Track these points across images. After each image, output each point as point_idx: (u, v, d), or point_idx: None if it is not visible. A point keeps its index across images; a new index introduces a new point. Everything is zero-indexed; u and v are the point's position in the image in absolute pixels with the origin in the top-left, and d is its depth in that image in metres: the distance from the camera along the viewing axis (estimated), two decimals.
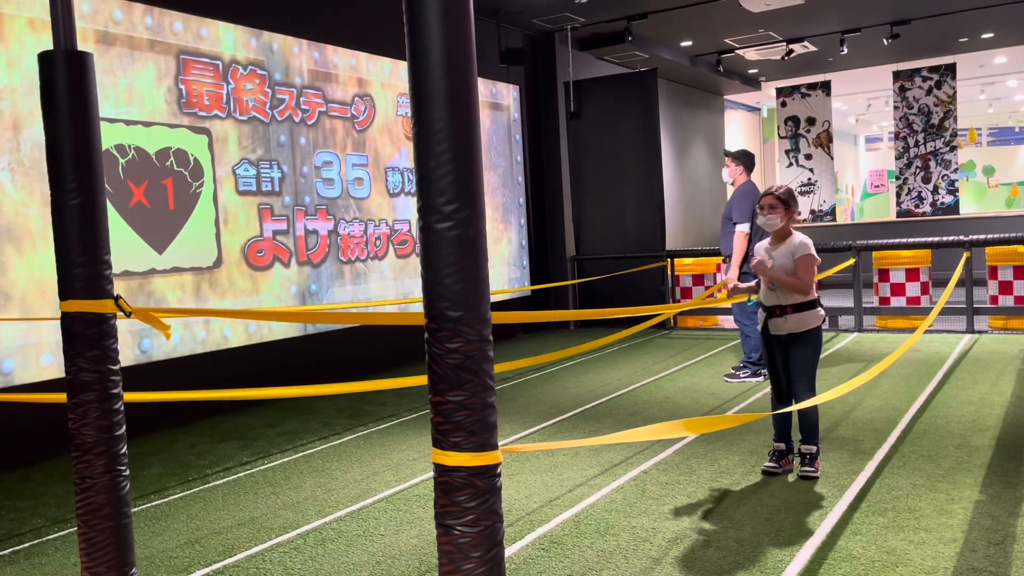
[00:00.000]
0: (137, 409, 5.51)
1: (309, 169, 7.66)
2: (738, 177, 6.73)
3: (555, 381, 7.41)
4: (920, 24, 11.87)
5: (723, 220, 6.78)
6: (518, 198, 10.76)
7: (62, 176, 2.78)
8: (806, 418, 4.33)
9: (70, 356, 2.81)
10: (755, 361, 6.82)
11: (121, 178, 6.12)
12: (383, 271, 8.52)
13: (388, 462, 5.06)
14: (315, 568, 3.51)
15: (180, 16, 6.58)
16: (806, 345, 4.28)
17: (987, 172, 25.08)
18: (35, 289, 5.55)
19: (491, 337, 2.02)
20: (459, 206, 1.94)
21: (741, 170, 6.72)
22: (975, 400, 5.79)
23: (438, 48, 1.91)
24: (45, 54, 2.79)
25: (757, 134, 20.12)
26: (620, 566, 3.35)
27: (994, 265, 9.00)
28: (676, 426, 2.58)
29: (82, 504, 2.84)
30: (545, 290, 11.14)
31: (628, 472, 4.57)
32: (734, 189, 6.79)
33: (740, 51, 13.14)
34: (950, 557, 3.24)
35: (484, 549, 2.01)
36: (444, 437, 1.99)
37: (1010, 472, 4.21)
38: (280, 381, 7.09)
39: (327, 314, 6.79)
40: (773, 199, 4.35)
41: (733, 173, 6.74)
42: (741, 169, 6.72)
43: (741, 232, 6.52)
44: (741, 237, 6.52)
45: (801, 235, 4.39)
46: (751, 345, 6.85)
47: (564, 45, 11.33)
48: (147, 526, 4.14)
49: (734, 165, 6.73)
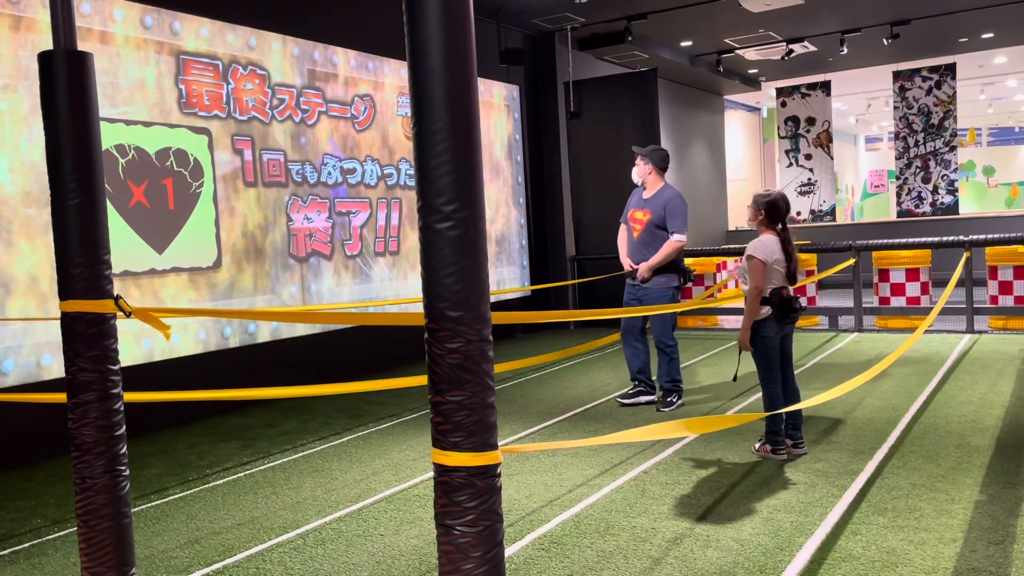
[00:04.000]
0: (137, 409, 5.51)
1: (310, 169, 7.66)
2: (647, 177, 6.11)
3: (555, 381, 7.41)
4: (920, 24, 11.87)
5: (651, 226, 6.02)
6: (518, 198, 10.77)
7: (62, 176, 2.78)
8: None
9: (70, 356, 2.81)
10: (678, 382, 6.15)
11: (121, 178, 6.12)
12: (383, 270, 8.52)
13: (388, 462, 5.06)
14: (315, 568, 3.51)
15: (180, 16, 6.58)
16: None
17: (987, 172, 25.09)
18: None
19: (491, 337, 2.02)
20: (459, 206, 1.94)
21: (652, 169, 6.09)
22: (975, 400, 5.79)
23: (438, 48, 1.91)
24: (45, 54, 2.79)
25: (757, 134, 20.12)
26: (620, 566, 3.35)
27: (994, 265, 9.00)
28: (676, 426, 2.58)
29: (82, 504, 2.84)
30: (545, 290, 11.14)
31: (628, 472, 4.57)
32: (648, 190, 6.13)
33: (740, 51, 13.14)
34: (950, 557, 3.24)
35: (484, 549, 2.01)
36: (444, 437, 1.99)
37: (1010, 472, 4.21)
38: (280, 381, 7.10)
39: (327, 314, 6.80)
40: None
41: (643, 172, 6.12)
42: (652, 168, 6.09)
43: (677, 242, 5.93)
44: (674, 247, 5.93)
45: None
46: (677, 367, 6.14)
47: (564, 45, 11.33)
48: (147, 526, 4.14)
49: (643, 163, 6.12)
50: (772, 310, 4.53)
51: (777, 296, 4.52)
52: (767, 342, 4.58)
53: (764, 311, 4.55)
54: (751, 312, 4.56)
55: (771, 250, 4.55)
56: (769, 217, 4.61)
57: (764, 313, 4.55)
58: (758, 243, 4.58)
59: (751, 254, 4.54)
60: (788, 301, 4.52)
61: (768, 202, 4.61)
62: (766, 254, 4.53)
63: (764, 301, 4.55)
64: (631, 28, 11.00)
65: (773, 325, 4.56)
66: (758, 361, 4.64)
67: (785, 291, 4.56)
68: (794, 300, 4.54)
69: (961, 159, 22.65)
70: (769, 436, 4.65)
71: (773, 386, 4.63)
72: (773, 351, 4.60)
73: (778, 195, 4.63)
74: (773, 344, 4.59)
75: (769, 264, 4.53)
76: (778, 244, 4.58)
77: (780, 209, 4.62)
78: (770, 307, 4.54)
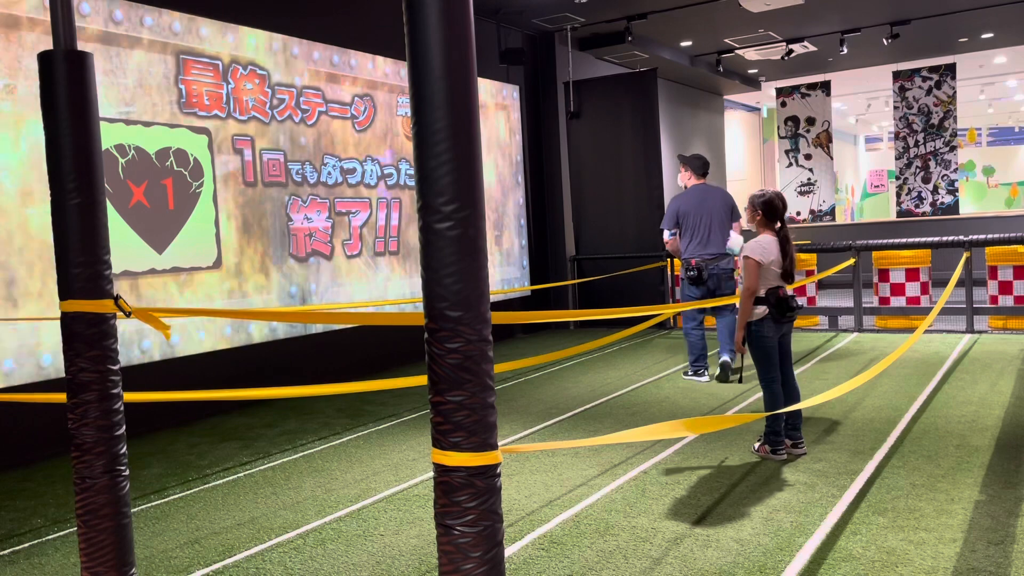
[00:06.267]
0: (137, 409, 5.51)
1: (310, 169, 7.66)
2: (687, 181, 7.14)
3: (555, 381, 7.41)
4: (920, 24, 11.87)
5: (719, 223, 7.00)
6: (518, 198, 10.77)
7: (62, 176, 2.78)
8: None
9: (70, 356, 2.81)
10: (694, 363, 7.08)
11: (121, 178, 6.12)
12: (383, 270, 8.52)
13: (388, 462, 5.06)
14: (315, 568, 3.51)
15: (180, 16, 6.58)
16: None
17: (987, 172, 25.09)
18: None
19: (491, 337, 2.02)
20: (459, 206, 1.94)
21: (690, 175, 7.11)
22: (975, 400, 5.79)
23: (438, 48, 1.91)
24: (45, 54, 2.79)
25: (757, 134, 20.12)
26: (620, 566, 3.35)
27: (994, 265, 9.00)
28: (676, 426, 2.58)
29: (82, 504, 2.84)
30: (545, 290, 11.14)
31: (628, 472, 4.57)
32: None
33: (740, 51, 13.15)
34: (950, 557, 3.24)
35: (484, 549, 2.01)
36: (444, 437, 1.99)
37: (1010, 472, 4.21)
38: (280, 381, 7.10)
39: (327, 314, 6.79)
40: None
41: (683, 178, 7.16)
42: (690, 174, 7.10)
43: (664, 239, 7.06)
44: (666, 243, 7.06)
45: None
46: (691, 347, 7.08)
47: (564, 45, 11.33)
48: (147, 526, 4.14)
49: (683, 170, 7.14)
50: (769, 310, 4.54)
51: (773, 296, 4.53)
52: (766, 342, 4.58)
53: (761, 311, 4.55)
54: (744, 313, 4.57)
55: (768, 251, 4.55)
56: (766, 217, 4.62)
57: (761, 313, 4.55)
58: (755, 243, 4.58)
59: (747, 254, 4.55)
60: (784, 300, 4.52)
61: (764, 202, 4.62)
62: (762, 255, 4.53)
63: (760, 301, 4.55)
64: (631, 28, 11.00)
65: (771, 325, 4.56)
66: (758, 361, 4.65)
67: (782, 290, 4.56)
68: (791, 299, 4.54)
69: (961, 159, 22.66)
70: (769, 436, 4.65)
71: (775, 386, 4.63)
72: (772, 351, 4.60)
73: (773, 194, 4.64)
74: (772, 344, 4.59)
75: (765, 265, 4.53)
76: (776, 244, 4.59)
77: (777, 208, 4.62)
78: (766, 307, 4.54)
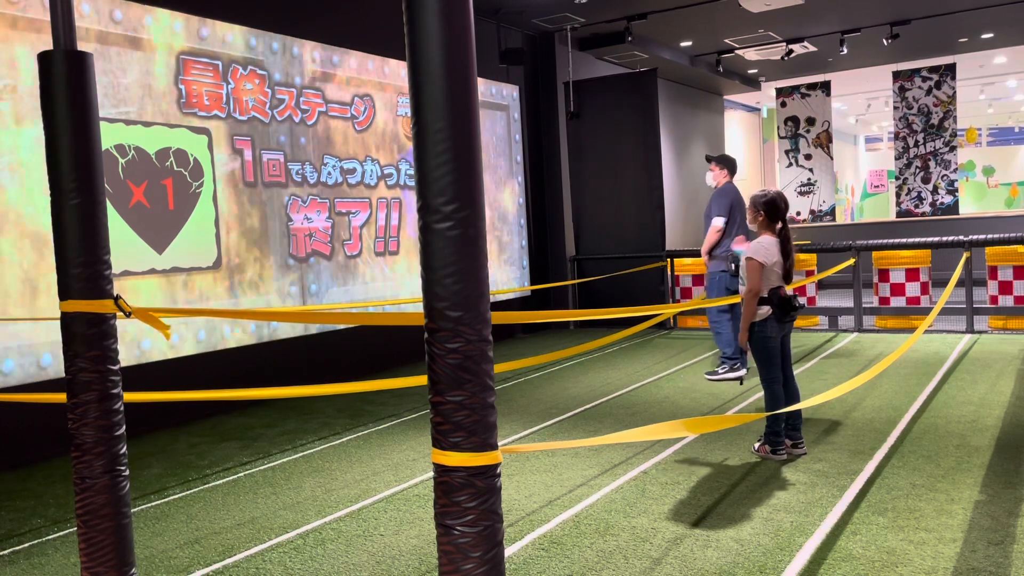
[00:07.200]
0: (137, 409, 5.51)
1: (310, 169, 7.66)
2: (721, 179, 7.20)
3: (555, 381, 7.41)
4: (920, 24, 11.87)
5: (704, 219, 7.18)
6: (518, 198, 10.76)
7: (62, 176, 2.78)
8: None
9: (70, 356, 2.81)
10: (730, 356, 7.03)
11: (121, 178, 6.12)
12: (383, 269, 8.52)
13: (388, 462, 5.06)
14: (315, 568, 3.51)
15: (180, 16, 6.58)
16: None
17: (987, 172, 25.09)
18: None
19: (491, 337, 2.02)
20: (459, 206, 1.94)
21: (725, 173, 7.18)
22: (975, 400, 5.79)
23: (438, 48, 1.91)
24: (45, 54, 2.79)
25: (757, 134, 20.11)
26: (620, 566, 3.35)
27: (994, 265, 9.00)
28: (676, 426, 2.58)
29: (82, 504, 2.84)
30: (545, 290, 11.14)
31: (628, 472, 4.57)
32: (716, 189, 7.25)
33: (740, 51, 13.14)
34: (950, 557, 3.24)
35: (484, 549, 2.01)
36: (444, 437, 1.99)
37: (1010, 472, 4.21)
38: (280, 381, 7.10)
39: (327, 314, 6.79)
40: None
41: (717, 176, 7.21)
42: (725, 172, 7.18)
43: (714, 226, 6.97)
44: (713, 230, 6.98)
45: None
46: (724, 340, 7.08)
47: (564, 45, 11.33)
48: (147, 526, 4.14)
49: (717, 169, 7.20)
50: (772, 310, 4.54)
51: (776, 296, 4.53)
52: (768, 342, 4.58)
53: (764, 311, 4.56)
54: (748, 314, 4.57)
55: (770, 252, 4.55)
56: (769, 217, 4.62)
57: (764, 313, 4.55)
58: (757, 245, 4.58)
59: (750, 256, 4.55)
60: (787, 300, 4.53)
61: (766, 202, 4.62)
62: (765, 256, 4.53)
63: (763, 301, 4.55)
64: (631, 28, 11.00)
65: (774, 325, 4.56)
66: (759, 362, 4.65)
67: (783, 291, 4.56)
68: (793, 299, 4.54)
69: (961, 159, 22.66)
70: (769, 436, 4.65)
71: (776, 386, 4.63)
72: (774, 351, 4.60)
73: (775, 194, 4.64)
74: (774, 344, 4.60)
75: (768, 266, 4.53)
76: (777, 245, 4.59)
77: (779, 208, 4.63)
78: (769, 307, 4.54)
